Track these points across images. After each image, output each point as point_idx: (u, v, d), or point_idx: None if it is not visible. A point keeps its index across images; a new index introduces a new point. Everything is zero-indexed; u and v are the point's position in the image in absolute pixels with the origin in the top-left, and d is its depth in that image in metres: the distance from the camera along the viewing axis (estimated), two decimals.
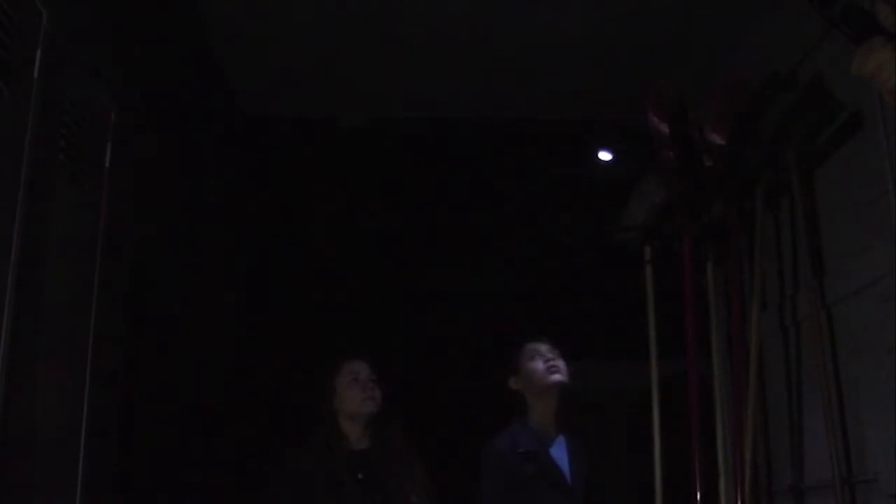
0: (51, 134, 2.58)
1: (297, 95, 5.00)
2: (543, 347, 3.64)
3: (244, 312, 5.18)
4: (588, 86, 4.79)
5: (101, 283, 2.89)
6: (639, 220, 4.08)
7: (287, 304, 5.74)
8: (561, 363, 3.59)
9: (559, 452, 3.52)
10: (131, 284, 3.25)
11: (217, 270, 4.65)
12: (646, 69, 4.44)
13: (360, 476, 3.34)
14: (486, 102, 5.03)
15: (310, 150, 5.53)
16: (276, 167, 5.62)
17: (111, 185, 3.00)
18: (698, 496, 3.55)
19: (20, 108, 2.39)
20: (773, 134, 3.55)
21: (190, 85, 4.23)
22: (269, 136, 5.33)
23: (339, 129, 5.31)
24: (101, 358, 2.87)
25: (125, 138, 3.11)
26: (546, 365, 3.57)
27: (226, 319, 4.77)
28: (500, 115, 5.16)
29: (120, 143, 3.06)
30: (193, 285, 4.15)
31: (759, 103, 3.62)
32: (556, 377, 3.56)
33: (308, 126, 5.31)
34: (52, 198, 2.59)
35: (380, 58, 4.59)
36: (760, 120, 3.59)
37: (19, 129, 2.38)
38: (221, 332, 4.67)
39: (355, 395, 3.50)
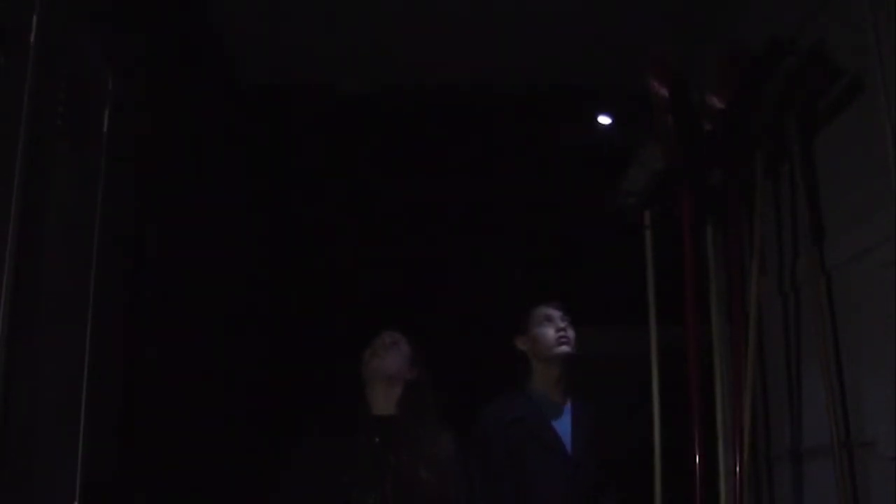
0: (48, 100, 2.57)
1: (294, 62, 4.98)
2: (556, 314, 3.62)
3: (246, 280, 5.18)
4: (588, 52, 4.77)
5: (100, 249, 2.89)
6: (639, 186, 4.08)
7: (286, 272, 5.73)
8: (571, 333, 3.58)
9: (561, 419, 3.51)
10: (132, 250, 3.25)
11: (217, 238, 4.65)
12: (646, 34, 4.42)
13: (376, 440, 3.36)
14: (485, 69, 5.01)
15: (307, 116, 5.51)
16: (274, 133, 5.60)
17: (109, 150, 2.99)
18: (697, 460, 3.57)
19: (17, 74, 2.38)
20: (773, 99, 3.54)
21: (187, 51, 4.20)
22: (266, 103, 5.31)
23: (336, 95, 5.29)
24: (102, 325, 2.87)
25: (123, 104, 3.10)
26: (557, 334, 3.56)
27: (228, 288, 4.77)
28: (500, 81, 5.14)
29: (118, 108, 3.05)
30: (194, 252, 4.14)
31: (760, 69, 3.61)
32: (565, 348, 3.54)
33: (305, 93, 5.29)
34: (51, 164, 2.59)
35: (378, 24, 4.57)
36: (761, 85, 3.58)
37: (16, 95, 2.37)
38: (224, 300, 4.67)
39: (366, 357, 3.54)
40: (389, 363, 3.52)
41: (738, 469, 3.47)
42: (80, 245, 2.82)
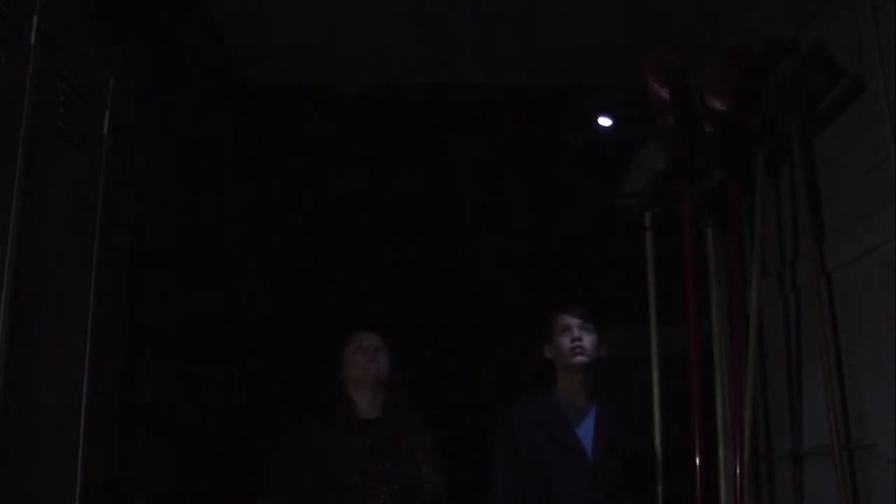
0: (48, 101, 2.57)
1: (295, 62, 4.97)
2: (574, 322, 3.62)
3: (245, 280, 5.18)
4: (588, 51, 4.76)
5: (100, 249, 2.89)
6: (639, 187, 4.08)
7: (289, 272, 5.73)
8: (587, 341, 3.57)
9: (584, 422, 3.52)
10: (131, 251, 3.24)
11: (217, 237, 4.64)
12: (646, 34, 4.41)
13: (369, 443, 3.41)
14: (484, 69, 5.00)
15: (307, 117, 5.50)
16: (274, 134, 5.60)
17: (110, 151, 2.99)
18: (697, 462, 3.57)
19: (17, 75, 2.38)
20: (774, 100, 3.54)
21: (188, 51, 4.20)
22: (266, 103, 5.30)
23: (337, 96, 5.29)
24: (102, 325, 2.87)
25: (123, 105, 3.10)
26: (571, 344, 3.56)
27: (226, 287, 4.77)
28: (500, 81, 5.13)
29: (118, 109, 3.05)
30: (194, 252, 4.14)
31: (760, 69, 3.61)
32: (579, 359, 3.54)
33: (306, 93, 5.28)
34: (51, 165, 2.59)
35: (378, 24, 4.56)
36: (761, 86, 3.58)
37: (17, 96, 2.37)
38: (222, 299, 4.67)
39: (358, 361, 3.59)
40: (383, 368, 3.60)
41: (738, 470, 3.47)
42: (80, 245, 2.81)
